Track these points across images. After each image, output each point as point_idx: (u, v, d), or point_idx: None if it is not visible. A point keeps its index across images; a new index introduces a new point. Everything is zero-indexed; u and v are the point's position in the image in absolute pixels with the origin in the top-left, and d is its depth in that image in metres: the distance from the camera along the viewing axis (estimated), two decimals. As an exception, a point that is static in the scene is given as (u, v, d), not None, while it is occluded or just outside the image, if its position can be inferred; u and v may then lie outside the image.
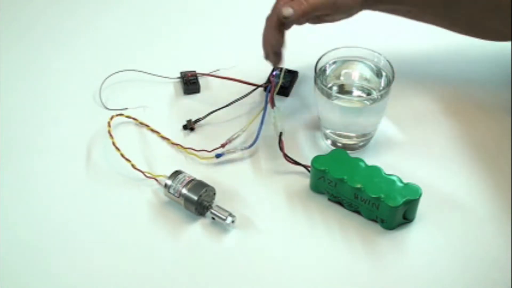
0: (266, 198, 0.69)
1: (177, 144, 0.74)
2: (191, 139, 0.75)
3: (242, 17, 0.81)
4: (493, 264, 0.63)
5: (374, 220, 0.66)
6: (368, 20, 0.88)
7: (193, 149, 0.73)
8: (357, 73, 0.73)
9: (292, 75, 0.81)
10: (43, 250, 0.65)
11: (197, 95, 0.81)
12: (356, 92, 0.72)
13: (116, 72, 0.82)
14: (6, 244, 0.65)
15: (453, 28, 0.78)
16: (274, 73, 0.81)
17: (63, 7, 0.96)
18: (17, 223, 0.67)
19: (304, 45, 0.86)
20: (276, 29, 0.70)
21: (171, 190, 0.67)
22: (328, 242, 0.65)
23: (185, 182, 0.67)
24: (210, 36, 0.89)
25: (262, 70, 0.82)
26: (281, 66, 0.75)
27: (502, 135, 0.74)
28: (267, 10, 0.82)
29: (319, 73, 0.71)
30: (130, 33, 0.91)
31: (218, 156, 0.72)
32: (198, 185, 0.67)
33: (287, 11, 0.68)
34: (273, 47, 0.72)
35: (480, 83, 0.81)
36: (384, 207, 0.64)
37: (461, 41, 0.86)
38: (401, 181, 0.65)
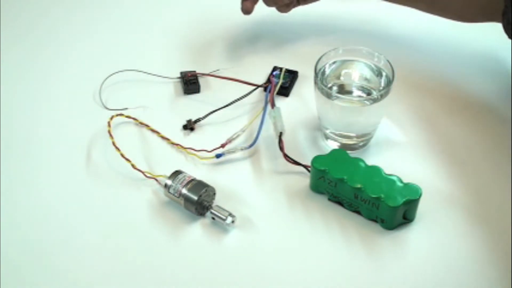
0: (266, 198, 0.69)
1: (177, 144, 0.74)
2: (191, 139, 0.75)
3: (242, 17, 0.81)
4: (493, 264, 0.63)
5: (374, 220, 0.66)
6: (368, 20, 0.88)
7: (193, 149, 0.73)
8: (357, 73, 0.73)
9: (292, 75, 0.81)
10: (42, 250, 0.65)
11: (197, 95, 0.81)
12: (356, 92, 0.72)
13: (116, 72, 0.82)
14: (6, 244, 0.65)
15: (414, 5, 0.78)
16: (274, 73, 0.81)
17: (63, 7, 0.96)
18: (17, 223, 0.67)
19: (304, 45, 0.86)
20: None
21: (171, 190, 0.67)
22: (328, 242, 0.65)
23: (185, 182, 0.67)
24: (210, 36, 0.89)
25: (262, 70, 0.82)
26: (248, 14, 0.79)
27: (502, 135, 0.74)
28: (266, 10, 0.82)
29: (319, 73, 0.71)
30: (130, 33, 0.91)
31: (218, 156, 0.72)
32: (198, 185, 0.67)
33: None
34: None
35: (481, 83, 0.81)
36: (384, 207, 0.64)
37: (461, 41, 0.86)
38: (401, 181, 0.65)
